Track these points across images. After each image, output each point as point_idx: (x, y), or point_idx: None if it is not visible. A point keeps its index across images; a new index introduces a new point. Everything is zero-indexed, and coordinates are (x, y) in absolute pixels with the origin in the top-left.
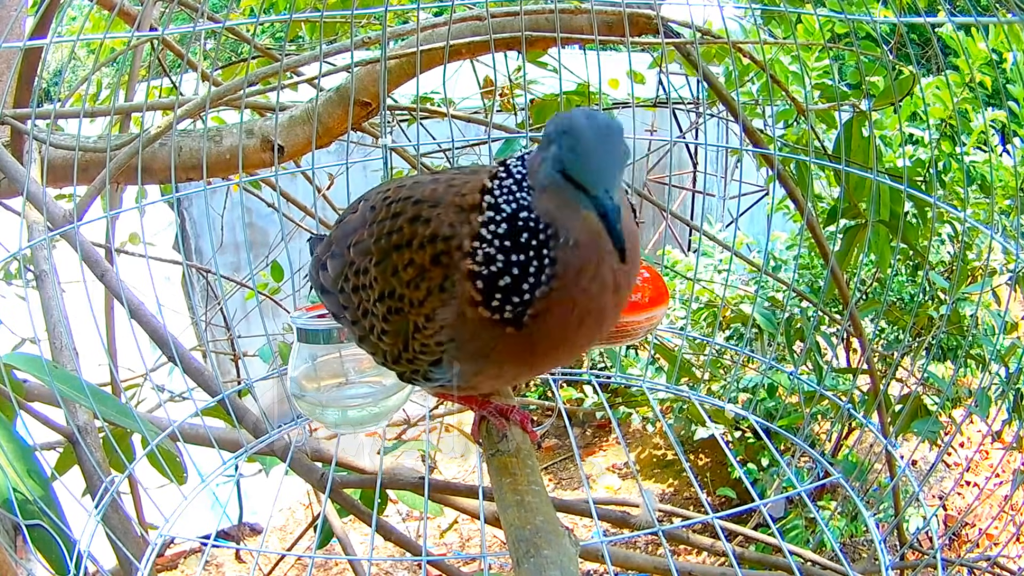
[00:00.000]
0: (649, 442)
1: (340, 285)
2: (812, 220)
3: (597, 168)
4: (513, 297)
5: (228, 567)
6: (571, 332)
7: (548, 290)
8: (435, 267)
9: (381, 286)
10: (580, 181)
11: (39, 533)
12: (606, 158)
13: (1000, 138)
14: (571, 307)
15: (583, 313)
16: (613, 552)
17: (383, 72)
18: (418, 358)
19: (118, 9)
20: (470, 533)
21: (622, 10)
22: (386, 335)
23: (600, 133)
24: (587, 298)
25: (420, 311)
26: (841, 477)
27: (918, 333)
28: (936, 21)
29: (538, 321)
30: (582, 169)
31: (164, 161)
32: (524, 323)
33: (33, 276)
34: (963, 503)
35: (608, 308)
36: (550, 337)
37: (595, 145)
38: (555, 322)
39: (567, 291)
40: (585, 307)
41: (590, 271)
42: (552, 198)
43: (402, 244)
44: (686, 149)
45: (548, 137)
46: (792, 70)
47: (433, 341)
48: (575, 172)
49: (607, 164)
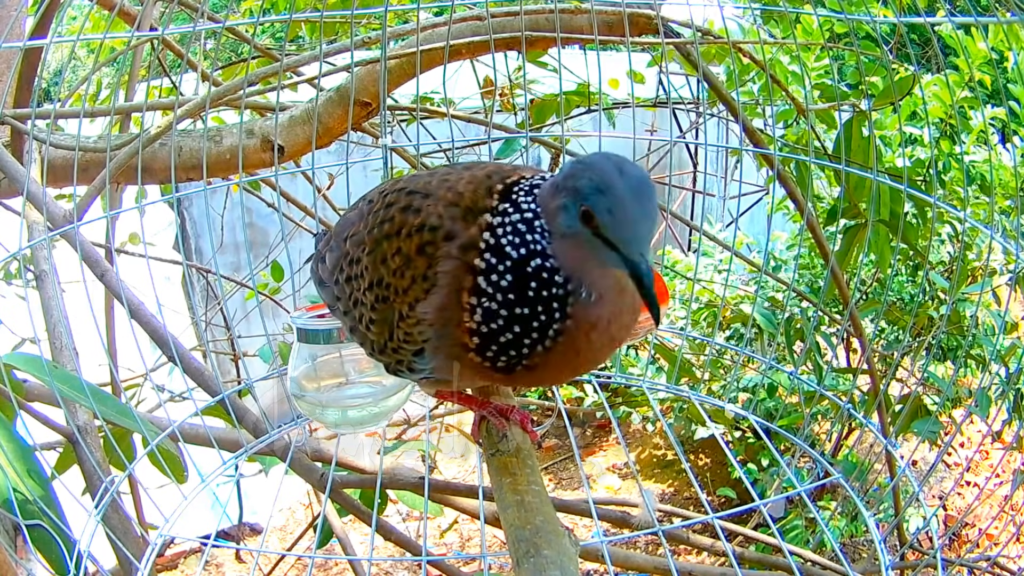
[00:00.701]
0: (649, 442)
1: (335, 277)
2: (812, 220)
3: (635, 232)
4: (511, 351)
5: (228, 567)
6: (559, 375)
7: (552, 344)
8: (419, 256)
9: (371, 275)
10: (616, 244)
11: (39, 533)
12: (642, 220)
13: (1000, 137)
14: (570, 360)
15: (579, 364)
16: (613, 552)
17: (383, 72)
18: (402, 347)
19: (118, 9)
20: (470, 533)
21: (622, 10)
22: (373, 324)
23: (636, 193)
24: (590, 350)
25: (404, 299)
26: (841, 477)
27: (918, 333)
28: (935, 21)
29: (531, 370)
30: (619, 232)
31: (164, 161)
32: (516, 372)
33: (33, 276)
34: (964, 503)
35: (603, 357)
36: (534, 377)
37: (633, 207)
38: (547, 370)
39: (572, 345)
40: (583, 359)
41: (603, 327)
42: (575, 249)
43: (392, 233)
44: (686, 149)
45: (576, 188)
46: (792, 70)
47: (416, 331)
48: (611, 234)
49: (643, 226)
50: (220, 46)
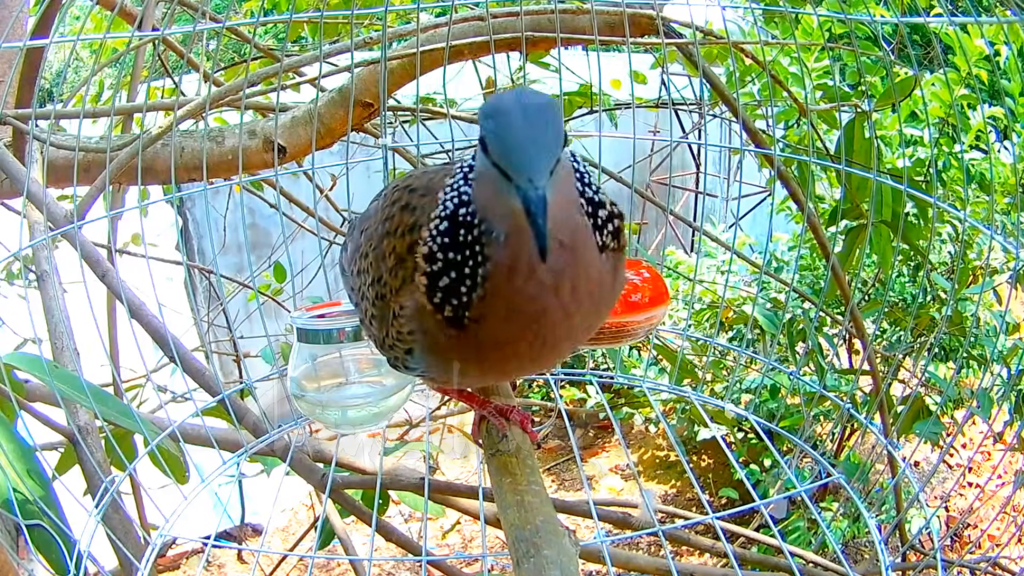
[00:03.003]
0: (652, 443)
1: (352, 268)
2: (814, 220)
3: (521, 153)
4: (452, 298)
5: (230, 567)
6: (516, 336)
7: (483, 293)
8: (409, 255)
9: (374, 271)
10: (504, 169)
11: (39, 533)
12: (533, 142)
13: (996, 135)
14: (506, 309)
15: (525, 317)
16: (615, 554)
17: (383, 73)
18: (396, 345)
19: (118, 8)
20: (473, 534)
21: (623, 11)
22: (374, 320)
23: (528, 115)
24: (523, 299)
25: (397, 299)
26: (842, 477)
27: (920, 334)
28: (935, 21)
29: (480, 324)
30: (506, 155)
31: (167, 161)
32: (465, 325)
33: (35, 276)
34: (966, 504)
35: (553, 310)
36: (495, 341)
37: (521, 128)
38: (495, 325)
39: (502, 291)
40: (521, 308)
41: (522, 270)
42: (486, 187)
43: (391, 231)
44: (689, 150)
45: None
46: (792, 71)
47: (406, 330)
48: (499, 159)
49: (534, 149)
50: (223, 47)
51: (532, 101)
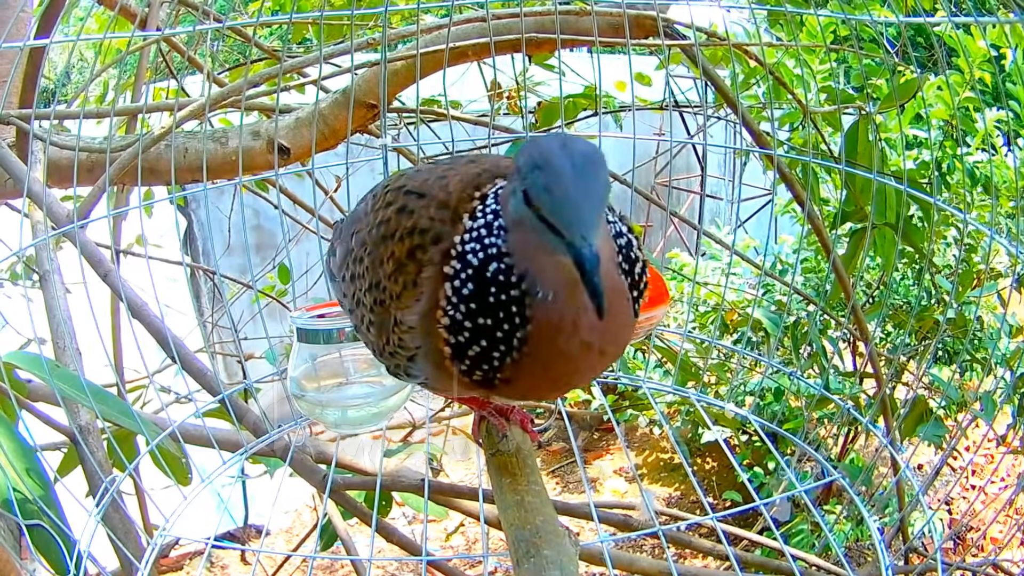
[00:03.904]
0: (656, 445)
1: (343, 273)
2: (817, 221)
3: (575, 209)
4: (483, 364)
5: (233, 568)
6: (544, 388)
7: (520, 356)
8: (410, 261)
9: (371, 276)
10: (555, 224)
11: (39, 533)
12: (585, 198)
13: (1004, 139)
14: (545, 371)
15: (557, 373)
16: (617, 556)
17: (383, 74)
18: (397, 352)
19: (119, 8)
20: (476, 536)
21: (623, 12)
22: (372, 327)
23: (577, 167)
24: (564, 360)
25: (398, 305)
26: (842, 477)
27: (924, 337)
28: (936, 21)
29: (508, 382)
30: (558, 210)
31: (170, 162)
32: (495, 385)
33: (37, 276)
34: (968, 507)
35: (588, 370)
36: (520, 391)
37: (573, 184)
38: (526, 381)
39: (542, 354)
40: (561, 370)
41: (568, 330)
42: (526, 242)
43: (388, 235)
44: (694, 153)
45: (519, 168)
46: (796, 73)
47: (408, 338)
48: (550, 213)
49: (586, 205)
50: (227, 48)
51: (579, 150)
